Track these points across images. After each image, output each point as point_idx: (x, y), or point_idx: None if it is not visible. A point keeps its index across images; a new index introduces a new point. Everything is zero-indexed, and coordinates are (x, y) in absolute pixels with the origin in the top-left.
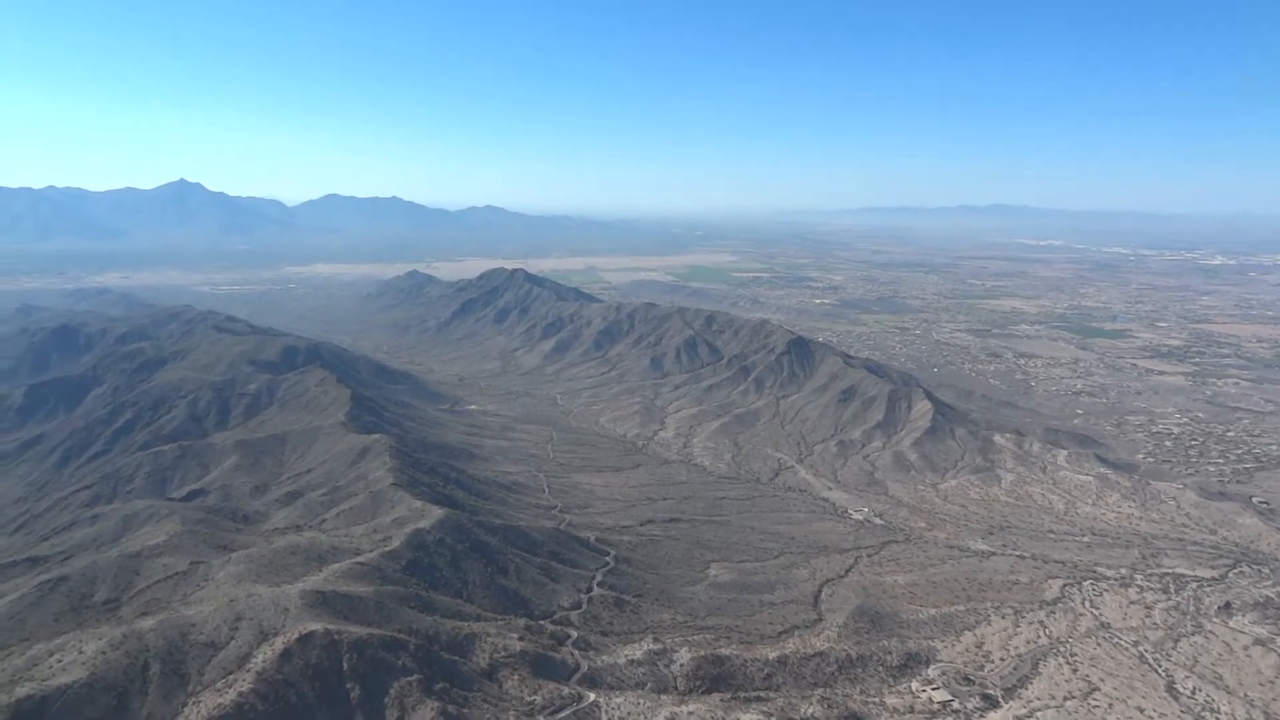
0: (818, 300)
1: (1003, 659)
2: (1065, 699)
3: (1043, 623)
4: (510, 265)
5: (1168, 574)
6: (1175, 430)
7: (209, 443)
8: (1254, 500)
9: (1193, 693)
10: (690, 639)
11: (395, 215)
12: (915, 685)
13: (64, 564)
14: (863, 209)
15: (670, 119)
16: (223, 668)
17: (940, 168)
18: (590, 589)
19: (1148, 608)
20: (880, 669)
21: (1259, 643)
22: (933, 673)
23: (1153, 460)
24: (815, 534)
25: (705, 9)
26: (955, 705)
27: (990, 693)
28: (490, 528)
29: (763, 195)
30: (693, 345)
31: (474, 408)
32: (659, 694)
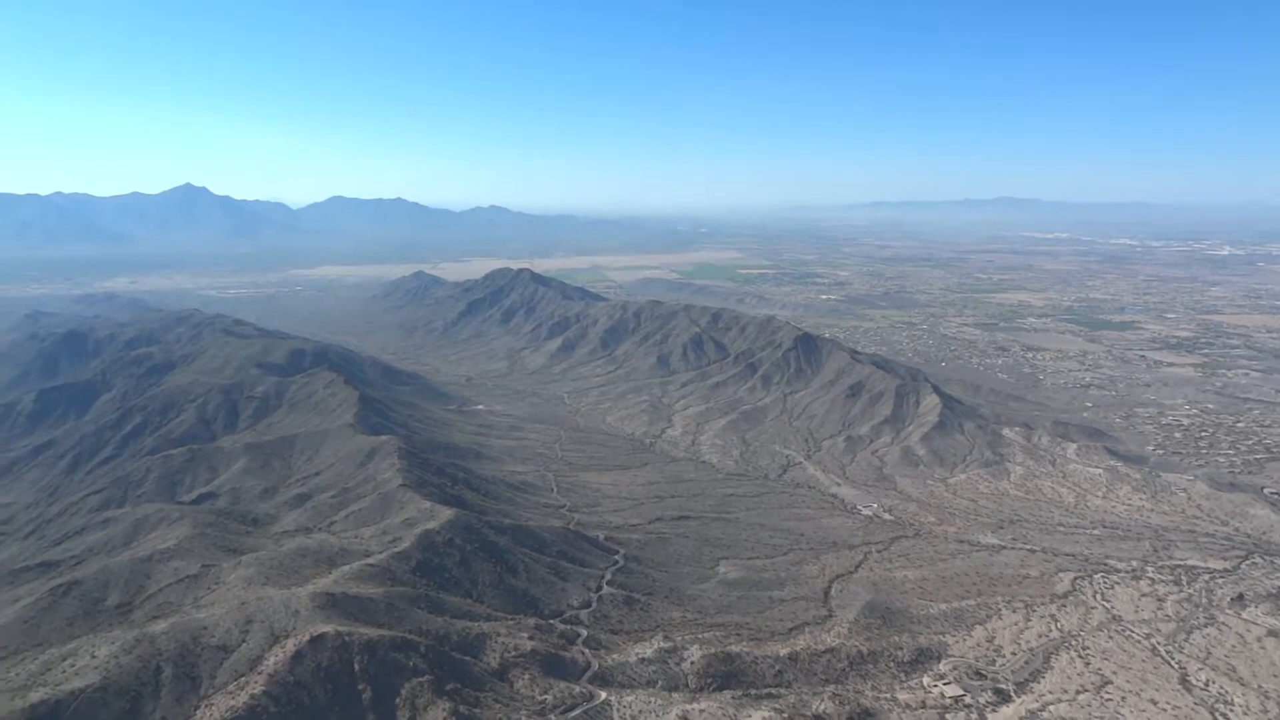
0: (824, 296)
1: (1014, 653)
2: (1078, 693)
3: (1054, 616)
4: (515, 265)
5: (1179, 566)
6: (1185, 422)
7: (218, 446)
8: (1265, 491)
9: (1206, 685)
10: (700, 636)
11: (400, 216)
12: (927, 680)
13: (76, 568)
14: (868, 204)
15: (674, 116)
16: (234, 670)
17: (946, 161)
18: (600, 588)
19: (1160, 600)
20: (891, 664)
21: (1272, 634)
22: (944, 668)
23: (1163, 452)
24: (824, 530)
25: (707, 5)
26: (967, 700)
27: (1002, 687)
28: (499, 527)
29: (768, 191)
30: (699, 343)
31: (481, 408)
32: (670, 692)
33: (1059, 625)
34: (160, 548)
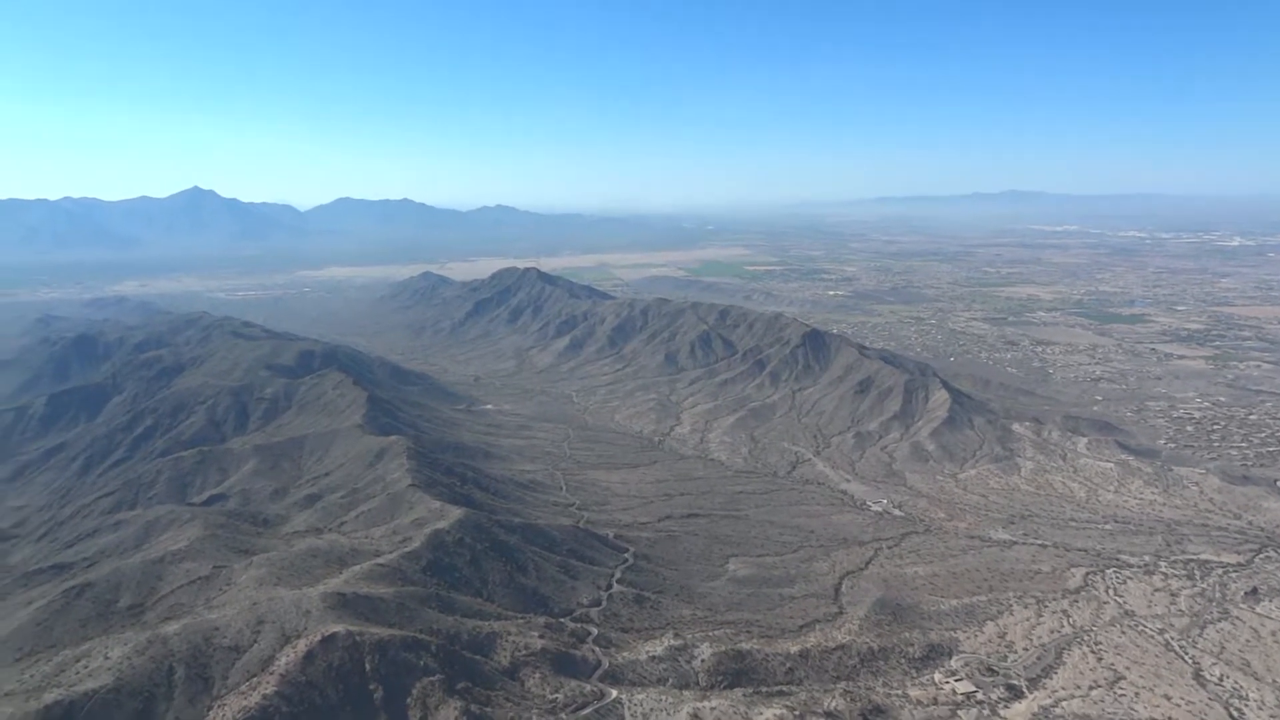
0: (831, 292)
1: (1026, 649)
2: (1090, 688)
3: (1066, 612)
4: (522, 264)
5: (1192, 560)
6: (1197, 415)
7: (228, 447)
8: (1278, 484)
9: (1220, 680)
10: (711, 634)
11: (407, 217)
12: (938, 677)
13: (88, 570)
14: (875, 199)
15: (679, 113)
16: (246, 671)
17: (952, 155)
18: (610, 586)
19: (1173, 595)
20: (903, 661)
21: None
22: (956, 664)
23: (1174, 445)
24: (834, 527)
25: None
26: (979, 696)
27: (1014, 683)
28: (509, 526)
29: (774, 188)
30: (707, 340)
31: (490, 407)
32: (681, 690)
33: (1071, 621)
34: (172, 549)
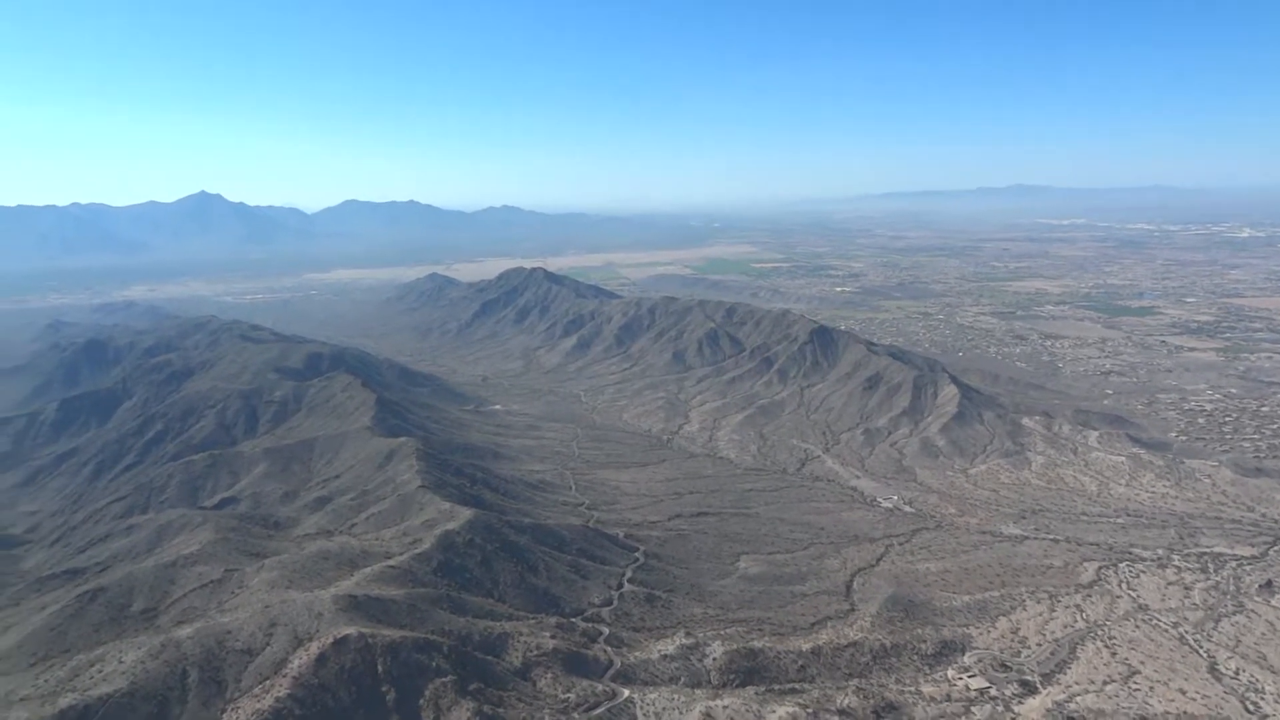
0: (839, 288)
1: (1039, 644)
2: (1105, 683)
3: (1079, 606)
4: (529, 264)
5: (1206, 553)
6: (1208, 407)
7: (238, 451)
8: None
9: (1236, 673)
10: (722, 632)
11: (413, 219)
12: (951, 673)
13: (101, 575)
14: (881, 195)
15: (683, 111)
16: (259, 674)
17: (958, 150)
18: (620, 585)
19: (1186, 588)
20: (915, 658)
21: None
22: (969, 660)
23: (1186, 438)
24: (845, 523)
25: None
26: (993, 692)
27: (1028, 679)
28: (519, 527)
29: (780, 185)
30: (714, 338)
31: (498, 407)
32: (693, 688)
33: (1084, 615)
34: (184, 553)
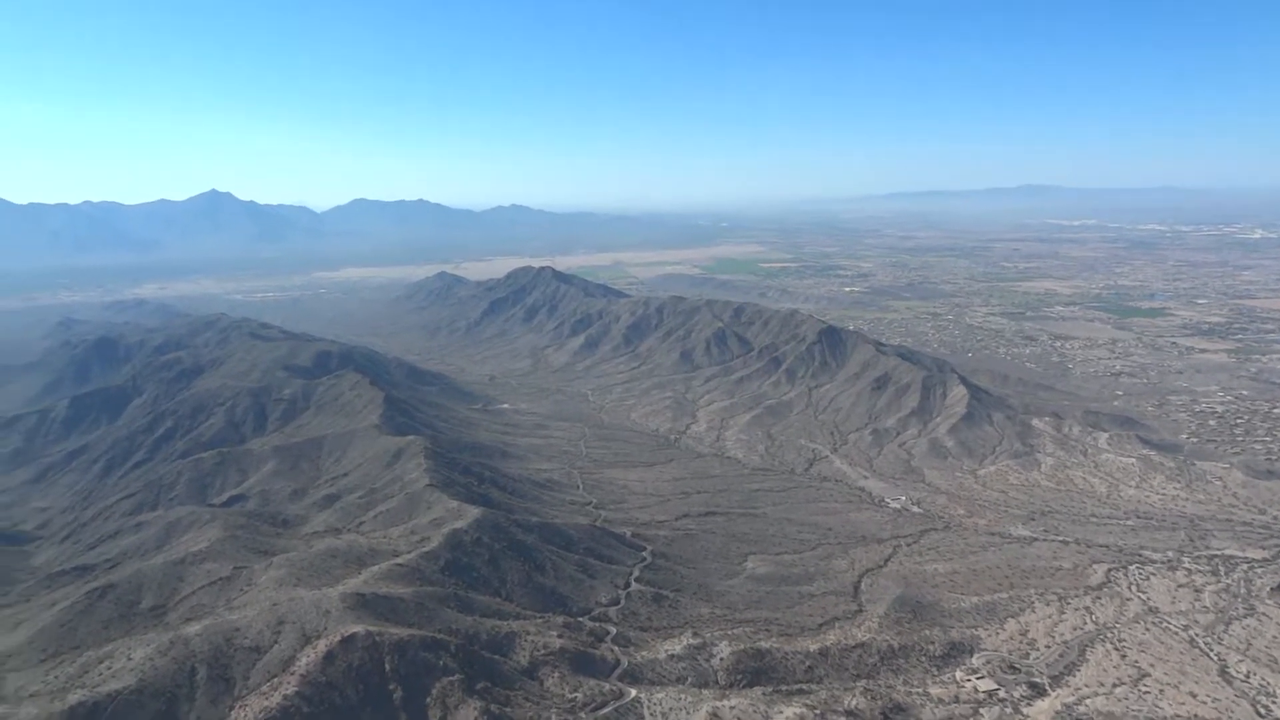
0: (847, 288)
1: (1048, 646)
2: (1114, 686)
3: (1088, 608)
4: (537, 263)
5: (1216, 556)
6: (1219, 409)
7: (247, 448)
8: None
9: (1247, 677)
10: (730, 633)
11: (422, 218)
12: (959, 675)
13: (111, 572)
14: (890, 194)
15: (691, 110)
16: (267, 671)
17: (968, 150)
18: (628, 585)
19: (1197, 591)
20: (923, 659)
21: None
22: (977, 662)
23: (1197, 440)
24: (853, 524)
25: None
26: (1001, 694)
27: (1037, 681)
28: (526, 526)
29: (788, 184)
30: (722, 338)
31: (506, 406)
32: (700, 688)
33: (1094, 617)
34: (192, 550)
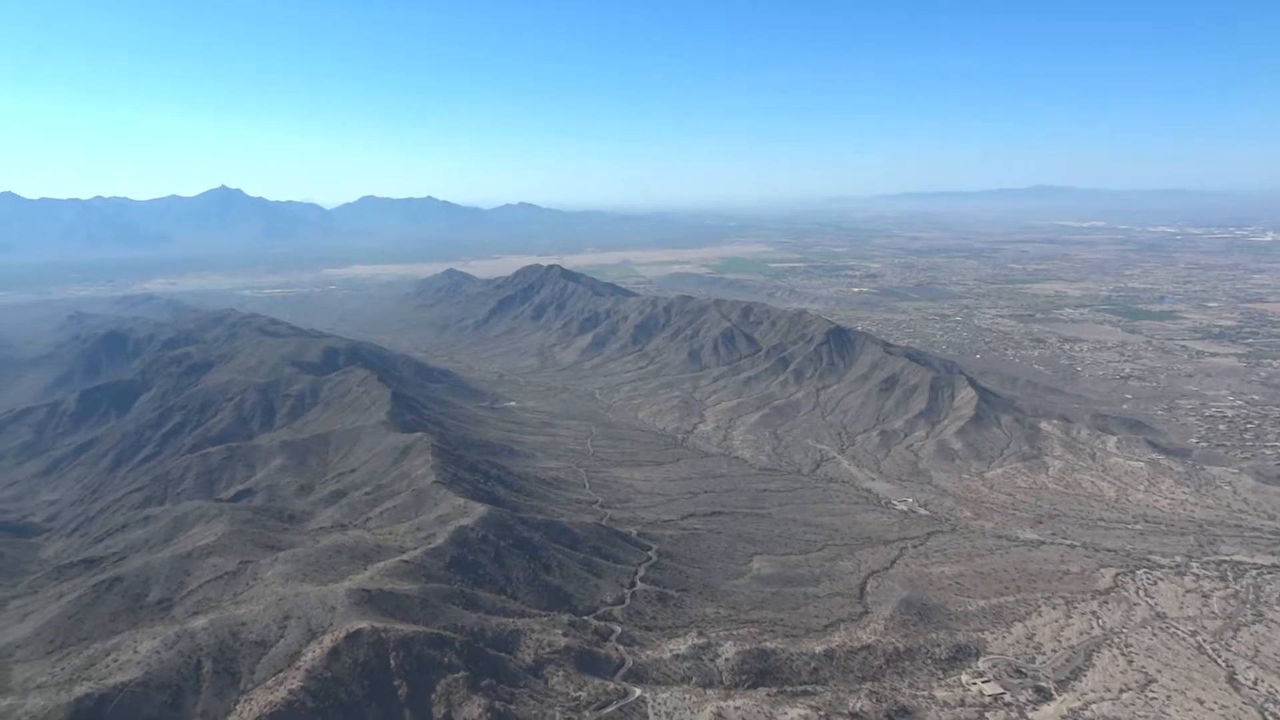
0: (855, 289)
1: (1055, 650)
2: (1121, 691)
3: (1095, 613)
4: (545, 261)
5: (1225, 561)
6: (1229, 413)
7: (255, 444)
8: None
9: (1255, 683)
10: (735, 633)
11: (431, 215)
12: (965, 678)
13: (118, 565)
14: (899, 195)
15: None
16: (273, 666)
17: (977, 150)
18: (633, 584)
19: (1205, 596)
20: (929, 662)
21: None
22: (983, 665)
23: (1206, 444)
24: (859, 525)
25: None
26: (1007, 698)
27: (1043, 685)
28: (532, 524)
29: (796, 184)
30: (730, 337)
31: (513, 404)
32: (704, 688)
33: (1101, 622)
34: (200, 544)
